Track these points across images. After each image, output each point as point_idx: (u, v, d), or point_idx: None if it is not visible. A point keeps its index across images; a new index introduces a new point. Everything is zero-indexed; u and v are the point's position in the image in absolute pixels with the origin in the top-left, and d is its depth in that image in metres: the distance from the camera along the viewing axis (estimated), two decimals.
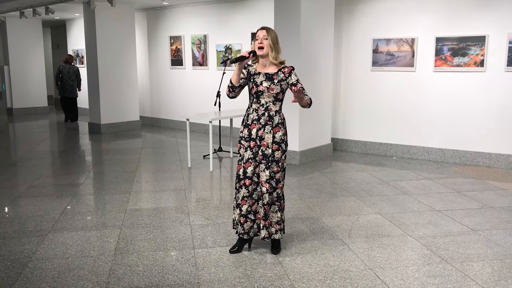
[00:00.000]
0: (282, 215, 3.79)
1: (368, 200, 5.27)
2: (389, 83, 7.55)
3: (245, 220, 3.76)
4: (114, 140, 9.47)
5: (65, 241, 4.10)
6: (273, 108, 3.66)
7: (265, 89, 3.63)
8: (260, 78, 3.66)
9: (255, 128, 3.66)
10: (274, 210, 3.74)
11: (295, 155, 7.04)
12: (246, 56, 3.60)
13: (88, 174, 6.65)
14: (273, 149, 3.65)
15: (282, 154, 3.69)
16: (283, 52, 6.97)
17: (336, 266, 3.59)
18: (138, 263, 3.64)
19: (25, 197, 5.45)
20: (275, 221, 3.75)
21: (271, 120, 3.64)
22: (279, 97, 3.67)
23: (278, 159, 3.67)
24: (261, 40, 3.62)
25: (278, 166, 3.68)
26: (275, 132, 3.65)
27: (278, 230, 3.77)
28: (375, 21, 7.55)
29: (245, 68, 3.74)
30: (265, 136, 3.64)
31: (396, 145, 7.60)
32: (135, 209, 5.00)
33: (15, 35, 13.38)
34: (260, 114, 3.66)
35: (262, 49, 3.62)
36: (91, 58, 10.19)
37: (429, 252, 3.84)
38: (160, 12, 10.84)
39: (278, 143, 3.66)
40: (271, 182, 3.67)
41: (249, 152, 3.69)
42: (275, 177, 3.68)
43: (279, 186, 3.71)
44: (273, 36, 3.64)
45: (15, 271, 3.51)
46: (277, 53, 3.65)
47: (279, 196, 3.72)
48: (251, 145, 3.68)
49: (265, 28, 3.65)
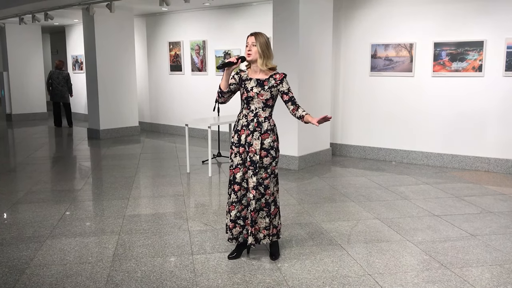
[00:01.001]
0: (274, 220, 3.77)
1: (367, 205, 5.26)
2: (387, 88, 7.56)
3: (233, 226, 3.75)
4: (113, 145, 9.46)
5: (63, 247, 4.09)
6: (263, 114, 3.64)
7: (255, 95, 3.61)
8: (251, 83, 3.64)
9: (244, 134, 3.65)
10: (262, 216, 3.71)
11: (294, 160, 7.04)
12: (234, 62, 3.59)
13: (86, 180, 6.63)
14: (262, 155, 3.62)
15: (272, 160, 3.66)
16: (282, 57, 7.03)
17: (335, 271, 3.58)
18: (136, 269, 3.63)
19: (23, 203, 5.44)
20: (263, 226, 3.72)
21: (260, 127, 3.62)
22: (269, 103, 3.65)
23: (266, 165, 3.63)
24: (250, 47, 3.60)
25: (266, 173, 3.64)
26: (264, 138, 3.62)
27: (266, 236, 3.74)
28: (374, 26, 7.57)
29: (238, 74, 3.74)
30: (253, 142, 3.61)
31: (395, 150, 7.60)
32: (133, 215, 4.99)
33: (15, 41, 13.41)
34: (249, 120, 3.64)
35: (250, 55, 3.61)
36: (90, 64, 10.20)
37: (428, 258, 3.83)
38: (159, 18, 10.86)
39: (266, 149, 3.63)
40: (259, 189, 3.65)
41: (238, 158, 3.68)
42: (263, 184, 3.64)
43: (268, 192, 3.67)
44: (262, 42, 3.59)
45: (12, 278, 3.49)
46: (267, 59, 3.60)
47: (267, 202, 3.69)
48: (240, 151, 3.66)
49: (254, 34, 3.62)
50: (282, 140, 7.11)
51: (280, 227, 3.88)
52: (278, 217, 3.83)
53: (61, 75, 11.93)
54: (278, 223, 3.83)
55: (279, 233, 3.87)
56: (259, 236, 3.74)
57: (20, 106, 13.68)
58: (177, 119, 10.68)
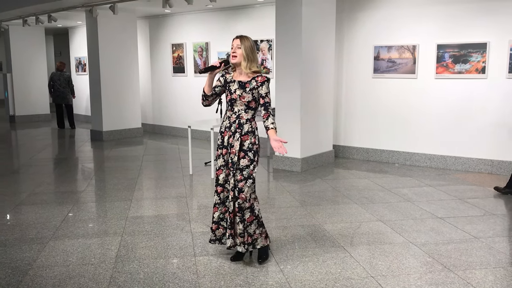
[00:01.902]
0: (249, 228, 3.63)
1: (370, 207, 5.26)
2: (390, 90, 7.55)
3: (217, 227, 3.75)
4: (116, 147, 9.48)
5: (66, 248, 4.09)
6: (245, 116, 3.63)
7: (237, 97, 3.61)
8: (235, 86, 3.64)
9: (226, 136, 3.65)
10: (236, 221, 3.62)
11: (296, 162, 7.03)
12: (217, 66, 3.62)
13: (89, 182, 6.64)
14: (240, 156, 3.59)
15: (250, 163, 3.59)
16: (285, 59, 7.02)
17: (338, 274, 3.57)
18: (139, 270, 3.63)
19: (26, 205, 5.45)
20: (238, 233, 3.63)
21: (241, 128, 3.60)
22: (251, 105, 3.63)
23: (243, 167, 3.58)
24: (235, 49, 3.60)
25: (242, 175, 3.57)
26: (244, 140, 3.59)
27: (241, 243, 3.63)
28: (377, 28, 7.56)
29: (223, 76, 3.75)
30: (234, 143, 3.60)
31: (398, 152, 7.59)
32: (136, 216, 4.99)
33: (18, 43, 13.44)
34: (232, 121, 3.64)
35: (235, 58, 3.60)
36: (93, 66, 10.22)
37: (431, 260, 3.82)
38: (162, 20, 10.88)
39: (245, 151, 3.59)
40: (234, 191, 3.59)
41: (221, 160, 3.67)
42: (237, 186, 3.58)
43: (241, 196, 3.56)
44: (247, 45, 3.59)
45: (15, 279, 3.50)
46: (251, 63, 3.59)
47: (240, 206, 3.58)
48: (223, 152, 3.66)
49: (239, 37, 3.63)
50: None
51: (258, 237, 3.70)
52: (256, 227, 3.66)
53: (62, 77, 11.98)
54: (254, 232, 3.66)
55: (256, 243, 3.70)
56: (236, 241, 3.66)
57: (24, 107, 13.71)
58: (179, 120, 10.69)
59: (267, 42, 8.83)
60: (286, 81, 6.99)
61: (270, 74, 8.81)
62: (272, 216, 4.96)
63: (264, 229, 3.77)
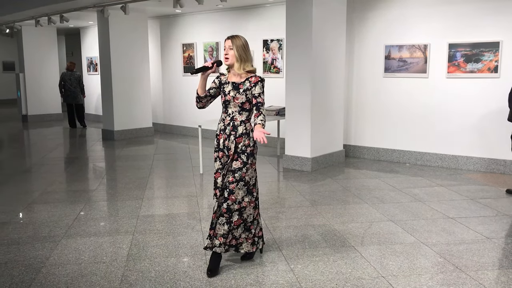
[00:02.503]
0: (235, 231, 3.54)
1: (381, 207, 5.24)
2: (401, 89, 7.52)
3: (214, 233, 3.61)
4: (127, 146, 9.54)
5: (78, 247, 4.13)
6: (239, 118, 3.55)
7: (231, 98, 3.55)
8: (229, 87, 3.58)
9: (222, 138, 3.59)
10: (221, 222, 3.51)
11: (307, 161, 7.03)
12: (209, 66, 3.55)
13: (101, 181, 6.69)
14: (233, 158, 3.53)
15: (243, 166, 3.51)
16: (295, 59, 7.01)
17: (348, 273, 3.57)
18: (150, 269, 3.66)
19: (39, 203, 5.51)
20: (221, 233, 3.52)
21: (235, 130, 3.53)
22: (245, 107, 3.55)
23: (235, 169, 3.50)
24: (227, 51, 3.53)
25: (233, 177, 3.50)
26: (238, 142, 3.53)
27: (221, 244, 3.52)
28: (387, 28, 7.53)
29: (218, 78, 3.68)
30: (230, 146, 3.55)
31: (409, 151, 7.55)
32: (147, 215, 5.02)
33: (31, 43, 13.58)
34: (226, 124, 3.57)
35: (227, 59, 3.53)
36: (105, 65, 10.30)
37: (443, 260, 3.80)
38: (173, 19, 10.92)
39: (238, 153, 3.52)
40: (224, 193, 3.52)
41: (218, 163, 3.61)
42: (228, 187, 3.50)
43: (231, 198, 3.49)
44: (239, 45, 3.51)
45: (29, 277, 3.54)
46: (244, 63, 3.52)
47: (229, 208, 3.50)
48: (219, 156, 3.60)
49: (230, 38, 3.55)
50: (295, 141, 7.14)
51: (243, 241, 3.62)
52: (242, 230, 3.58)
53: (73, 76, 12.13)
54: (240, 235, 3.58)
55: (240, 247, 3.62)
56: (215, 242, 3.54)
57: (36, 107, 13.85)
58: (190, 120, 10.73)
59: (277, 42, 8.83)
60: (296, 80, 6.99)
61: (280, 74, 8.82)
62: (282, 216, 4.97)
63: (251, 235, 3.64)
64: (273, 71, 9.00)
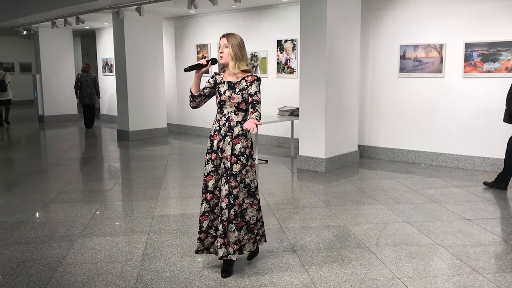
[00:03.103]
0: (239, 234, 3.48)
1: (396, 208, 5.20)
2: (417, 89, 7.45)
3: (205, 236, 3.57)
4: (141, 146, 9.61)
5: (94, 246, 4.17)
6: (235, 119, 3.46)
7: (226, 98, 3.45)
8: (224, 87, 3.49)
9: (216, 140, 3.49)
10: (231, 229, 3.44)
11: (321, 162, 7.00)
12: (204, 64, 3.46)
13: (116, 181, 6.75)
14: (232, 162, 3.42)
15: (242, 168, 3.43)
16: (309, 59, 6.99)
17: (363, 275, 3.55)
18: (165, 269, 3.68)
19: (55, 203, 5.58)
20: (233, 241, 3.45)
21: (231, 131, 3.44)
22: (241, 107, 3.45)
23: (236, 173, 3.41)
24: (222, 49, 3.44)
25: (236, 181, 3.41)
26: (234, 143, 3.42)
27: (236, 251, 3.46)
28: (403, 27, 7.47)
29: (213, 77, 3.59)
30: (225, 148, 3.44)
31: (425, 152, 7.48)
32: (162, 215, 5.05)
33: (47, 45, 13.74)
34: (221, 124, 3.48)
35: (222, 58, 3.45)
36: (120, 66, 10.38)
37: (459, 262, 3.76)
38: (187, 20, 10.98)
39: (236, 155, 3.42)
40: (230, 198, 3.42)
41: (210, 165, 3.51)
42: (232, 193, 3.42)
43: (236, 202, 3.42)
44: (235, 43, 3.43)
45: (46, 275, 3.58)
46: (239, 62, 3.43)
47: (236, 214, 3.42)
48: (212, 158, 3.50)
49: (226, 36, 3.47)
50: (309, 141, 7.12)
51: (246, 242, 3.56)
52: (245, 232, 3.54)
53: (89, 78, 12.33)
54: (243, 237, 3.53)
55: (243, 249, 3.56)
56: (229, 250, 3.47)
57: (52, 108, 14.01)
58: (204, 120, 10.76)
59: (291, 42, 8.82)
60: (311, 80, 6.97)
61: (294, 74, 8.80)
62: (296, 217, 4.96)
63: (253, 235, 3.60)
64: (287, 72, 8.99)
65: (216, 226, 3.56)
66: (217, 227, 3.56)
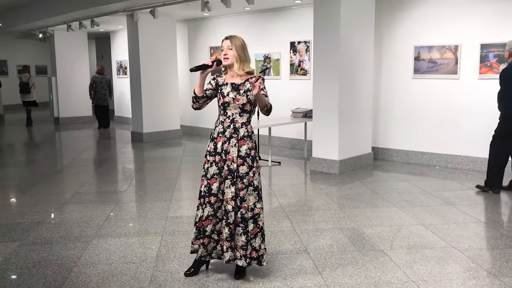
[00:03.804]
0: (253, 242, 3.41)
1: (410, 211, 5.16)
2: (431, 91, 7.39)
3: (208, 241, 3.49)
4: (155, 148, 9.66)
5: (108, 247, 4.20)
6: (240, 120, 3.44)
7: (231, 100, 3.43)
8: (227, 88, 3.47)
9: (220, 142, 3.43)
10: (238, 232, 3.40)
11: (334, 164, 6.98)
12: (209, 64, 3.44)
13: (130, 182, 6.80)
14: (238, 163, 3.39)
15: (249, 170, 3.40)
16: (323, 60, 6.97)
17: (378, 277, 3.52)
18: (179, 270, 3.69)
19: (70, 204, 5.63)
20: (240, 245, 3.40)
21: (236, 133, 3.41)
22: (246, 108, 3.44)
23: (243, 175, 3.38)
24: (226, 51, 3.44)
25: (242, 183, 3.38)
26: (240, 145, 3.40)
27: (242, 256, 3.40)
28: (417, 28, 7.42)
29: (214, 79, 3.56)
30: (230, 149, 3.40)
31: (439, 154, 7.41)
32: (176, 216, 5.07)
33: (62, 47, 13.93)
34: (226, 126, 3.44)
35: (227, 59, 3.44)
36: (134, 69, 10.47)
37: (475, 265, 3.71)
38: (200, 23, 11.02)
39: (243, 157, 3.39)
40: (236, 201, 3.38)
41: (214, 167, 3.43)
42: (239, 195, 3.39)
43: (244, 205, 3.38)
44: (238, 45, 3.44)
45: (61, 275, 3.62)
46: (243, 63, 3.44)
47: (243, 217, 3.38)
48: (216, 160, 3.43)
49: (229, 38, 3.47)
50: (323, 143, 7.10)
51: (264, 253, 3.47)
52: (261, 240, 3.45)
53: (104, 80, 12.55)
54: (260, 246, 3.44)
55: (262, 259, 3.45)
56: (236, 255, 3.43)
57: (67, 110, 14.17)
58: None
59: (305, 43, 8.81)
60: (324, 82, 6.95)
61: (308, 76, 8.79)
62: (309, 219, 4.95)
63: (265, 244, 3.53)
64: (300, 73, 8.98)
65: (219, 230, 3.51)
66: (219, 231, 3.51)
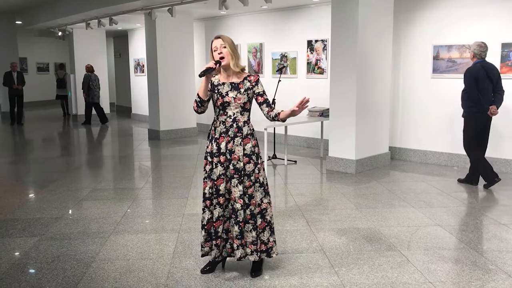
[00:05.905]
0: (262, 235, 3.47)
1: (428, 211, 5.11)
2: (450, 90, 7.30)
3: (220, 242, 3.51)
4: (172, 146, 9.72)
5: (126, 243, 4.24)
6: (241, 119, 3.44)
7: (231, 99, 3.41)
8: (225, 88, 3.44)
9: (223, 142, 3.42)
10: (248, 229, 3.43)
11: (351, 163, 6.94)
12: (213, 67, 3.38)
13: (147, 179, 6.85)
14: (244, 162, 3.41)
15: (255, 167, 3.43)
16: (340, 60, 6.94)
17: (394, 278, 3.50)
18: (195, 267, 3.71)
19: (88, 200, 5.70)
20: (250, 241, 3.43)
21: (240, 132, 3.42)
22: (246, 106, 3.46)
23: (250, 172, 3.40)
24: (220, 50, 3.40)
25: (250, 181, 3.40)
26: (245, 143, 3.42)
27: (253, 251, 3.43)
28: (436, 27, 7.33)
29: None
30: (235, 149, 3.40)
31: (457, 155, 7.32)
32: (192, 213, 5.10)
33: (81, 45, 14.10)
34: (228, 126, 3.43)
35: (223, 58, 3.40)
36: (152, 67, 10.54)
37: (495, 268, 3.66)
38: (217, 21, 11.05)
39: (248, 155, 3.42)
40: (244, 198, 3.40)
41: (219, 168, 3.42)
42: (247, 193, 3.40)
43: (252, 202, 3.41)
44: (230, 42, 3.43)
45: (80, 270, 3.67)
46: (237, 60, 3.43)
47: (252, 213, 3.41)
48: (221, 160, 3.42)
49: (220, 37, 3.45)
50: (339, 143, 7.07)
51: (273, 245, 3.54)
52: (270, 233, 3.50)
53: (97, 78, 13.11)
54: (268, 239, 3.50)
55: (271, 251, 3.52)
56: (247, 251, 3.46)
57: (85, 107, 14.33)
58: None
59: (322, 42, 8.77)
60: (341, 81, 6.92)
61: (324, 74, 8.75)
62: (325, 218, 4.93)
63: (275, 236, 3.58)
64: (317, 72, 8.95)
65: (227, 229, 3.52)
66: (227, 230, 3.52)
